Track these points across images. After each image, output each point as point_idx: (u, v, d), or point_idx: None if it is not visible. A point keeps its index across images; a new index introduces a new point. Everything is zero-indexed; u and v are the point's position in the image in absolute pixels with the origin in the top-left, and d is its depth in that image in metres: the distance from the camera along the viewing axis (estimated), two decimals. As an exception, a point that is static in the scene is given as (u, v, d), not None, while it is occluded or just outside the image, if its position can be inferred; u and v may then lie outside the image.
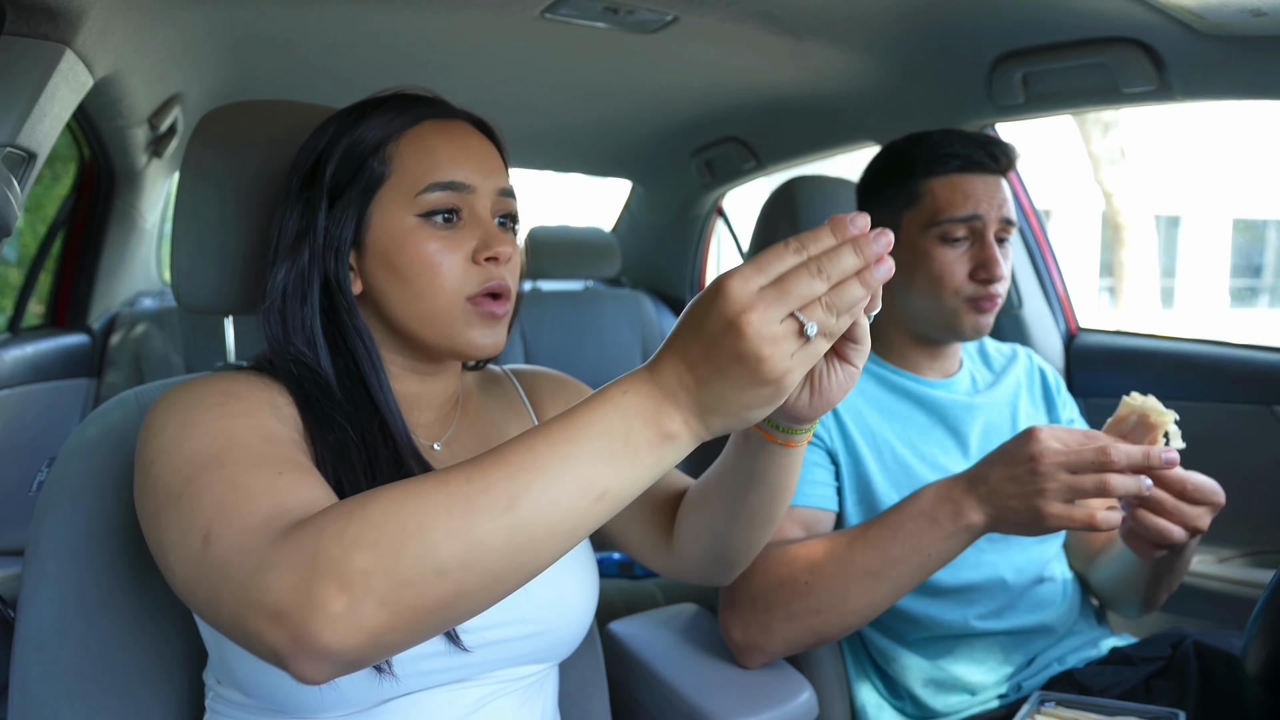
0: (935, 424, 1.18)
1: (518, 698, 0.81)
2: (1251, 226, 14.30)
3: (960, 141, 1.15)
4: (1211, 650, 1.04)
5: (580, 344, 2.72)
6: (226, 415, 0.66)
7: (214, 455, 0.62)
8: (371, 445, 0.74)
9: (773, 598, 0.99)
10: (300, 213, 0.77)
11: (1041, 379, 1.30)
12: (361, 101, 0.82)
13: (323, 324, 0.77)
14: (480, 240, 0.76)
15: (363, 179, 0.76)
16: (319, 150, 0.78)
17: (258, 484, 0.60)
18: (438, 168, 0.76)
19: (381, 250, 0.76)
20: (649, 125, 2.40)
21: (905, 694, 1.13)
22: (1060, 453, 0.85)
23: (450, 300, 0.76)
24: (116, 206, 2.15)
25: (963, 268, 1.13)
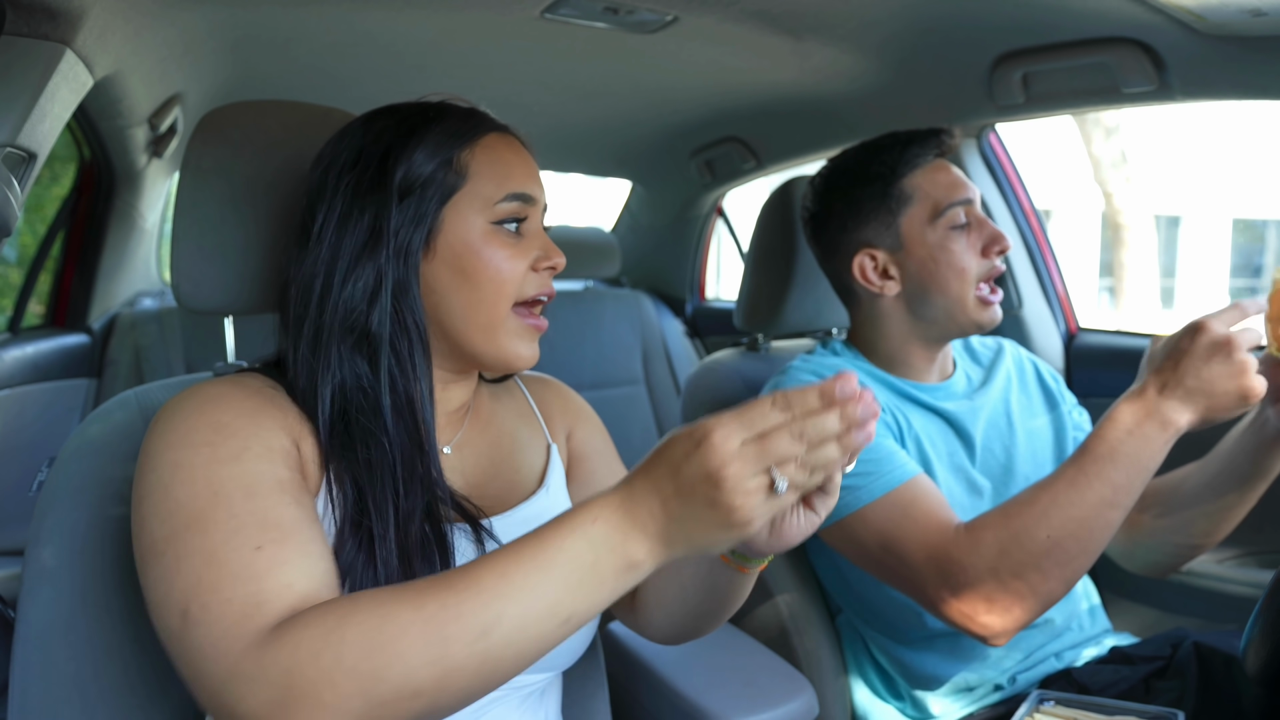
0: (946, 427, 1.18)
1: (517, 703, 0.81)
2: (1251, 226, 14.30)
3: (916, 136, 1.18)
4: (1211, 650, 1.04)
5: (580, 344, 2.72)
6: (214, 461, 0.66)
7: (196, 515, 0.63)
8: (408, 464, 0.74)
9: (1018, 564, 0.94)
10: (374, 213, 0.76)
11: (1036, 374, 1.30)
12: (413, 106, 0.81)
13: (390, 329, 0.76)
14: (542, 249, 0.80)
15: (436, 183, 0.77)
16: (381, 151, 0.77)
17: (235, 561, 0.61)
18: (512, 179, 0.79)
19: (454, 254, 0.77)
20: (649, 125, 2.40)
21: (904, 693, 1.13)
22: (1241, 333, 0.89)
23: (508, 305, 0.79)
24: (116, 206, 2.15)
25: (975, 250, 1.14)
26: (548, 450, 0.92)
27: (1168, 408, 0.91)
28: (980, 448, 1.18)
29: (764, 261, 1.39)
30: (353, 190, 0.76)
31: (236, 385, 0.74)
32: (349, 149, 0.78)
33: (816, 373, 1.15)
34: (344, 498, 0.72)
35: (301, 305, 0.76)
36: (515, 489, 0.87)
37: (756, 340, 1.47)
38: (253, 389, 0.74)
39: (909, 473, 1.04)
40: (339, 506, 0.72)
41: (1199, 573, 1.53)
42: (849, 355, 1.23)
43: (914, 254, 1.15)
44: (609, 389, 2.72)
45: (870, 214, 1.18)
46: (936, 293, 1.15)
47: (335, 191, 0.77)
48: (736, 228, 3.06)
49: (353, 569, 0.69)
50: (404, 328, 0.76)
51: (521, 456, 0.90)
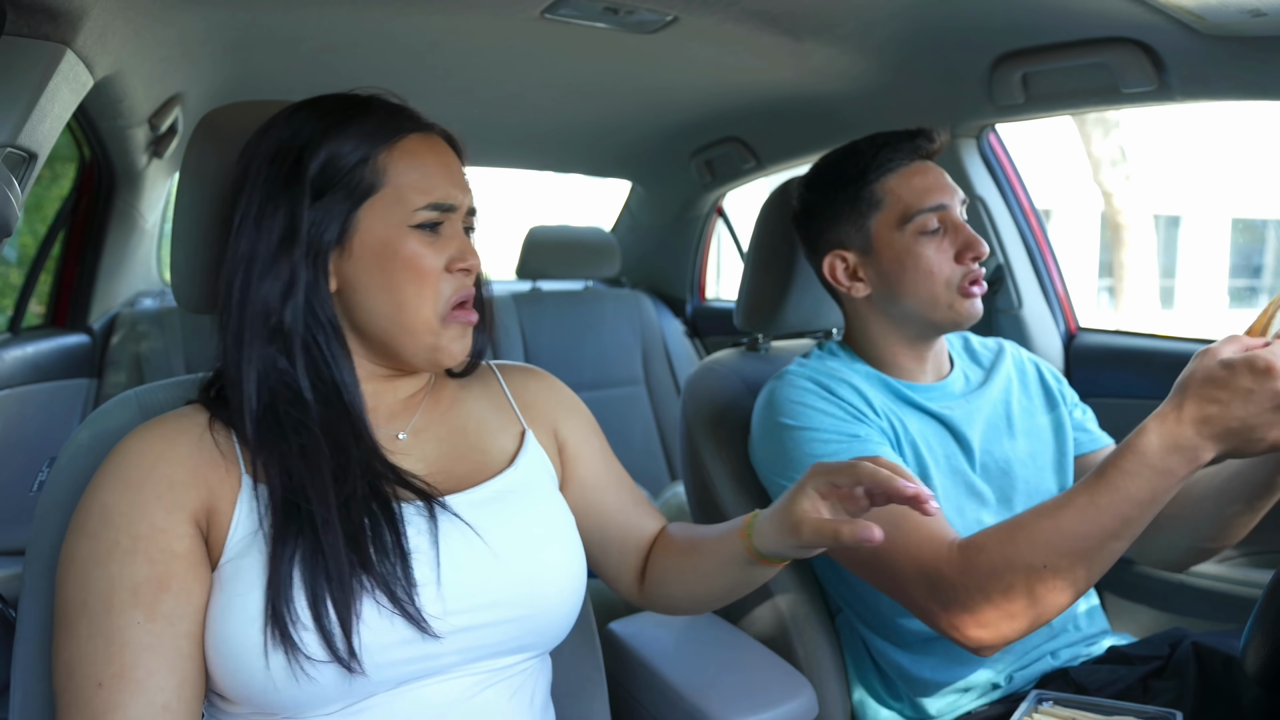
0: (942, 430, 1.18)
1: (507, 688, 0.81)
2: (1251, 226, 14.29)
3: (894, 138, 1.17)
4: (1210, 650, 1.04)
5: (580, 344, 2.72)
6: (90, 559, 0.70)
7: (67, 618, 0.69)
8: (342, 449, 0.76)
9: (1008, 588, 0.93)
10: (288, 211, 0.76)
11: (1038, 375, 1.29)
12: (336, 98, 0.81)
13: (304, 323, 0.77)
14: (457, 251, 0.81)
15: (352, 183, 0.77)
16: (298, 148, 0.77)
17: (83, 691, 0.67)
18: (433, 188, 0.79)
19: (371, 254, 0.78)
20: (649, 125, 2.40)
21: (903, 693, 1.13)
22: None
23: (431, 310, 0.79)
24: (117, 207, 2.15)
25: (947, 255, 1.13)
26: (521, 435, 0.91)
27: (1202, 445, 0.85)
28: (979, 451, 1.17)
29: (764, 261, 1.39)
30: (268, 186, 0.77)
31: (146, 433, 0.75)
32: (269, 142, 0.78)
33: (813, 377, 1.15)
34: (272, 491, 0.73)
35: (225, 301, 0.77)
36: (481, 470, 0.86)
37: (756, 340, 1.47)
38: (159, 435, 0.75)
39: None
40: (267, 500, 0.73)
41: (1199, 573, 1.53)
42: (845, 356, 1.23)
43: (882, 257, 1.16)
44: (609, 389, 2.72)
45: (843, 216, 1.19)
46: (904, 296, 1.15)
47: (253, 187, 0.77)
48: (736, 228, 3.06)
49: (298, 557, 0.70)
50: (319, 323, 0.77)
51: (490, 440, 0.90)
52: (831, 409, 1.11)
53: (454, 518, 0.78)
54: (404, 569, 0.73)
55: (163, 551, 0.71)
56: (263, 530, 0.72)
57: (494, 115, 2.20)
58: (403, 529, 0.75)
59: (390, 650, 0.72)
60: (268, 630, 0.68)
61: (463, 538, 0.78)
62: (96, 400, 2.16)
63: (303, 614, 0.69)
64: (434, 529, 0.76)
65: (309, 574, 0.70)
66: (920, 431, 1.16)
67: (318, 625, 0.69)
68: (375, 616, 0.71)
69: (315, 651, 0.69)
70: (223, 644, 0.70)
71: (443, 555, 0.76)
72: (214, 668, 0.71)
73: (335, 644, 0.69)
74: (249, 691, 0.70)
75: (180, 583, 0.71)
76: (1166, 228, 13.29)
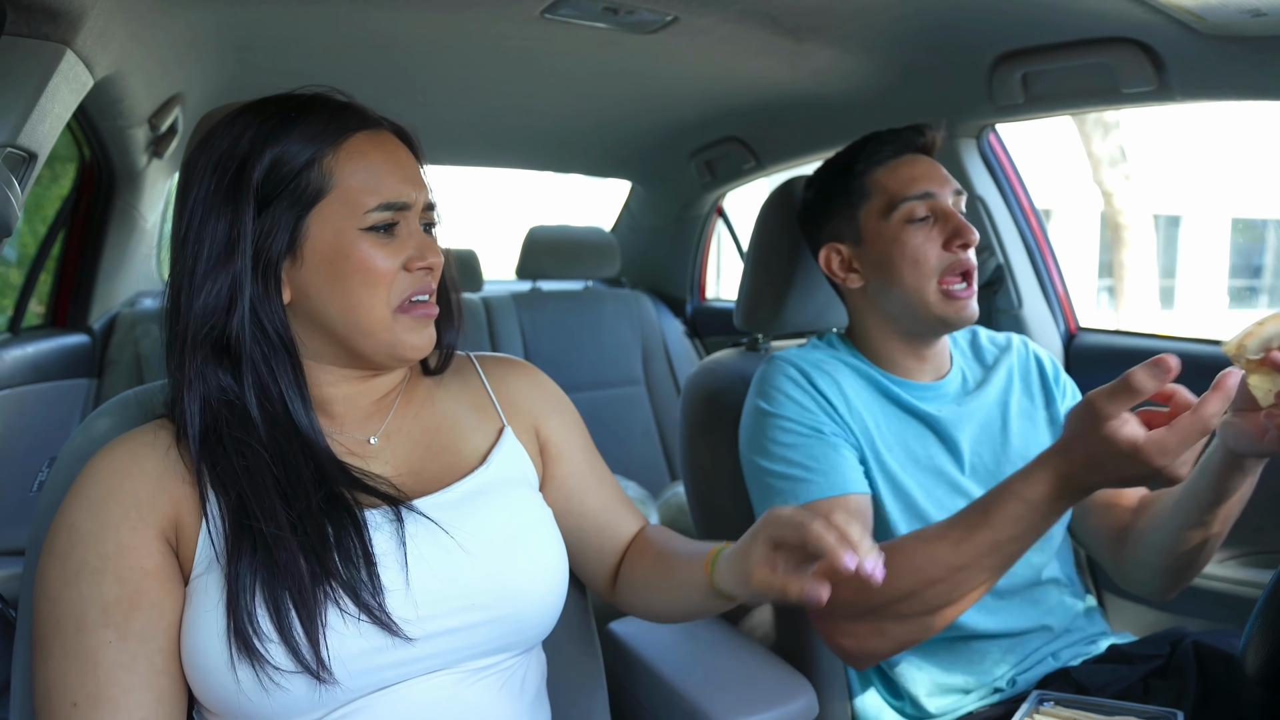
0: (927, 431, 1.18)
1: (495, 682, 0.80)
2: (1251, 226, 14.29)
3: (885, 133, 1.19)
4: (1210, 650, 1.04)
5: (580, 344, 2.72)
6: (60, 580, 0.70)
7: (42, 638, 0.70)
8: (292, 467, 0.74)
9: (879, 605, 0.94)
10: (230, 220, 0.74)
11: (1038, 368, 1.28)
12: (278, 100, 0.79)
13: (250, 338, 0.75)
14: (416, 250, 0.79)
15: (299, 189, 0.75)
16: (242, 156, 0.74)
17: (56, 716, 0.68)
18: (383, 188, 0.77)
19: (323, 260, 0.76)
20: (649, 125, 2.40)
21: (904, 694, 1.13)
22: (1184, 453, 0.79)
23: (386, 313, 0.77)
24: (117, 207, 2.15)
25: (935, 243, 1.13)
26: (499, 433, 0.90)
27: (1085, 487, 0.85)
28: (969, 454, 1.17)
29: (764, 261, 1.39)
30: (210, 196, 0.74)
31: (111, 452, 0.75)
32: (211, 151, 0.75)
33: (798, 365, 1.17)
34: (225, 510, 0.72)
35: (170, 318, 0.76)
36: (453, 469, 0.85)
37: (756, 340, 1.47)
38: (124, 452, 0.75)
39: (838, 489, 1.06)
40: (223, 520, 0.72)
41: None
42: (842, 348, 1.23)
43: (872, 247, 1.17)
44: (609, 389, 2.72)
45: (836, 209, 1.21)
46: (894, 285, 1.15)
47: (196, 198, 0.74)
48: (736, 228, 3.06)
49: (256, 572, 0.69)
50: (264, 334, 0.76)
51: (464, 439, 0.88)
52: (804, 399, 1.13)
53: (422, 519, 0.77)
54: (370, 574, 0.72)
55: (132, 570, 0.70)
56: (216, 546, 0.72)
57: (494, 115, 2.20)
58: (368, 535, 0.74)
59: (363, 657, 0.71)
60: (231, 645, 0.68)
61: (432, 539, 0.76)
62: (96, 400, 2.16)
63: (265, 627, 0.68)
64: (400, 532, 0.75)
65: (268, 588, 0.69)
66: (899, 431, 1.16)
67: (282, 637, 0.68)
68: (342, 624, 0.70)
69: (283, 663, 0.68)
70: (194, 658, 0.70)
71: (411, 557, 0.75)
72: (190, 681, 0.72)
73: (302, 654, 0.68)
74: (224, 704, 0.70)
75: (152, 600, 0.70)
76: (1166, 228, 13.28)
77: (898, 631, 0.95)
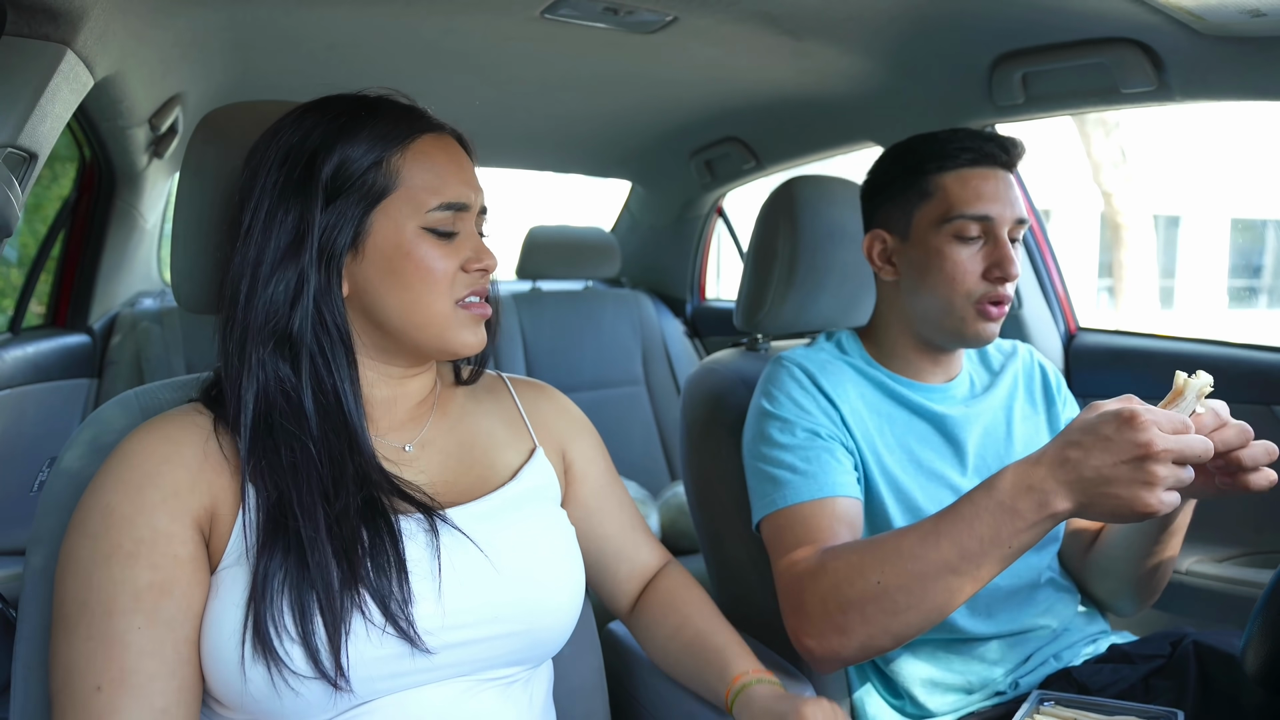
0: (932, 431, 1.18)
1: (504, 693, 0.80)
2: (1250, 226, 14.29)
3: (969, 136, 1.14)
4: (1211, 650, 1.04)
5: (580, 344, 2.72)
6: (92, 560, 0.70)
7: (68, 617, 0.69)
8: (338, 463, 0.75)
9: (845, 602, 0.94)
10: (298, 213, 0.75)
11: (1042, 377, 1.29)
12: (347, 99, 0.81)
13: (311, 330, 0.76)
14: (473, 252, 0.81)
15: (366, 186, 0.76)
16: (312, 150, 0.76)
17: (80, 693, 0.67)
18: (445, 188, 0.79)
19: (384, 257, 0.77)
20: (649, 125, 2.40)
21: (904, 694, 1.13)
22: (1173, 442, 0.77)
23: (446, 306, 0.80)
24: (117, 207, 2.15)
25: (976, 266, 1.11)
26: (530, 451, 0.92)
27: (1053, 490, 0.82)
28: (973, 456, 1.17)
29: (764, 261, 1.39)
30: (279, 189, 0.76)
31: (149, 435, 0.74)
32: (279, 145, 0.77)
33: (800, 364, 1.17)
34: (263, 504, 0.72)
35: (230, 306, 0.76)
36: (484, 482, 0.86)
37: (756, 340, 1.47)
38: (162, 437, 0.74)
39: (825, 492, 1.06)
40: (258, 511, 0.72)
41: (1199, 573, 1.53)
42: (851, 349, 1.23)
43: (916, 249, 1.15)
44: (609, 389, 2.72)
45: (894, 198, 1.19)
46: (927, 293, 1.14)
47: (263, 190, 0.76)
48: (736, 228, 3.06)
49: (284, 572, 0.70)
50: (325, 329, 0.77)
51: (497, 453, 0.90)
52: (805, 401, 1.13)
53: (455, 530, 0.78)
54: (401, 583, 0.72)
55: (166, 557, 0.70)
56: (248, 540, 0.72)
57: (494, 115, 2.20)
58: (402, 542, 0.74)
59: (379, 664, 0.71)
60: (247, 643, 0.68)
61: (464, 550, 0.77)
62: (96, 400, 2.16)
63: (288, 629, 0.68)
64: (435, 542, 0.76)
65: (296, 589, 0.69)
66: (902, 434, 1.16)
67: (304, 641, 0.68)
68: (365, 632, 0.70)
69: (301, 668, 0.68)
70: (209, 650, 0.70)
71: (444, 568, 0.75)
72: (204, 671, 0.71)
73: (322, 661, 0.68)
74: (232, 699, 0.71)
75: (182, 589, 0.70)
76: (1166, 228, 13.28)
77: (860, 632, 0.94)
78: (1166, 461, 0.77)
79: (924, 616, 0.91)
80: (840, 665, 0.97)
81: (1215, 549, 1.58)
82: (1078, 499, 0.81)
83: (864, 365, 1.20)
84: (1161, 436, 0.77)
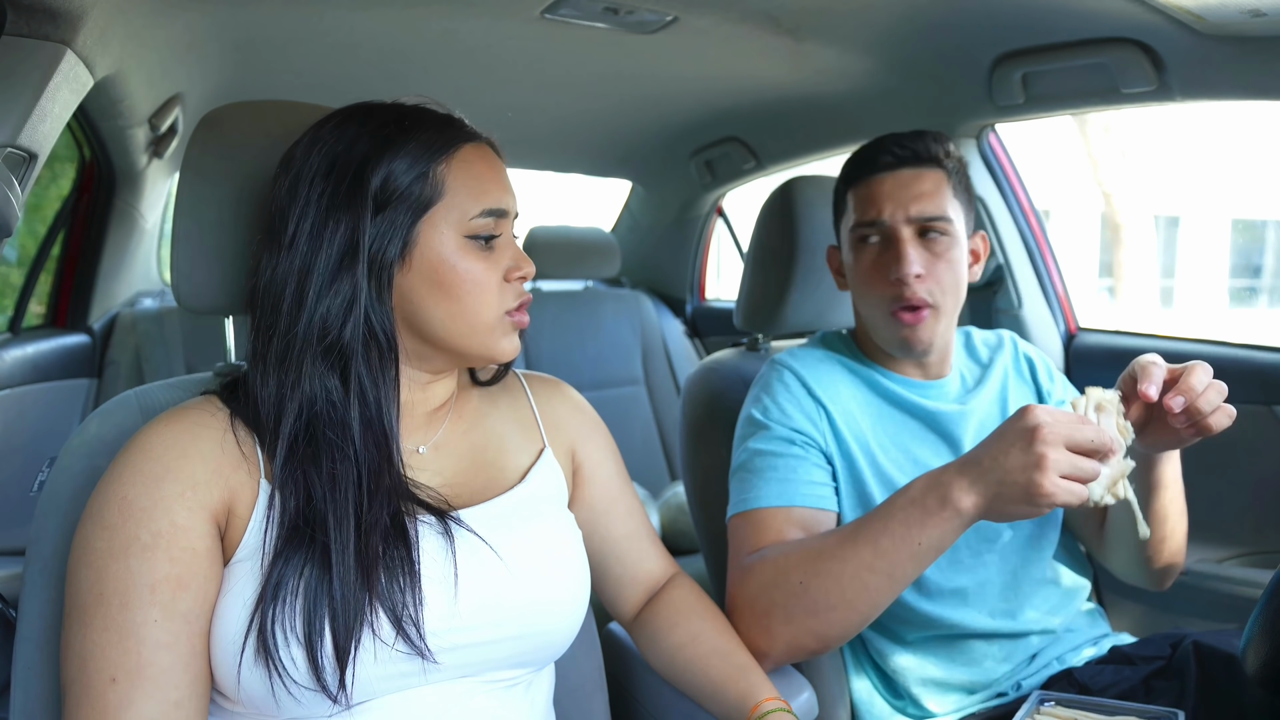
0: (927, 430, 1.18)
1: (505, 694, 0.80)
2: (1250, 227, 14.29)
3: (876, 147, 1.14)
4: (1211, 650, 1.04)
5: (580, 344, 2.72)
6: (108, 552, 0.69)
7: (84, 608, 0.68)
8: (375, 475, 0.75)
9: (770, 601, 0.98)
10: (350, 225, 0.75)
11: (1029, 365, 1.29)
12: (388, 108, 0.80)
13: (361, 342, 0.76)
14: (513, 260, 0.82)
15: (412, 197, 0.77)
16: (357, 161, 0.76)
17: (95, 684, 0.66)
18: (486, 194, 0.80)
19: (430, 267, 0.78)
20: (649, 125, 2.40)
21: (905, 694, 1.13)
22: (1060, 426, 0.83)
23: (493, 315, 0.81)
24: (117, 207, 2.15)
25: (878, 272, 1.11)
26: (539, 452, 0.92)
27: (956, 485, 0.88)
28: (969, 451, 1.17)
29: (764, 261, 1.39)
30: (328, 200, 0.75)
31: (166, 428, 0.74)
32: (322, 155, 0.77)
33: (791, 367, 1.18)
34: (286, 509, 0.72)
35: (271, 314, 0.76)
36: (493, 484, 0.86)
37: (756, 340, 1.47)
38: (181, 429, 0.74)
39: (786, 500, 1.07)
40: (280, 515, 0.72)
41: (1199, 573, 1.53)
42: (844, 348, 1.24)
43: (845, 260, 1.20)
44: (609, 389, 2.72)
45: (835, 214, 1.24)
46: (859, 303, 1.18)
47: (308, 200, 0.76)
48: (736, 228, 3.06)
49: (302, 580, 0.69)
50: (374, 339, 0.77)
51: (507, 456, 0.90)
52: (789, 405, 1.14)
53: (467, 532, 0.78)
54: (413, 592, 0.72)
55: (184, 550, 0.70)
56: (266, 538, 0.72)
57: (494, 116, 2.20)
58: (416, 548, 0.74)
59: (380, 666, 0.71)
60: (249, 645, 0.68)
61: (475, 553, 0.77)
62: (96, 400, 2.16)
63: (298, 636, 0.68)
64: (448, 545, 0.76)
65: (311, 598, 0.69)
66: (895, 432, 1.16)
67: (309, 652, 0.68)
68: (373, 646, 0.70)
69: (302, 677, 0.68)
70: (211, 642, 0.70)
71: (460, 570, 0.75)
72: (216, 668, 0.71)
73: (324, 673, 0.68)
74: (227, 690, 0.71)
75: (199, 582, 0.70)
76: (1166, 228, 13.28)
77: (784, 632, 0.97)
78: (1056, 444, 0.82)
79: (844, 618, 0.95)
80: (772, 665, 1.00)
81: (1215, 549, 1.58)
82: (980, 492, 0.87)
83: (856, 365, 1.21)
84: (1048, 422, 0.83)
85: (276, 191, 0.77)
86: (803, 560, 0.97)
